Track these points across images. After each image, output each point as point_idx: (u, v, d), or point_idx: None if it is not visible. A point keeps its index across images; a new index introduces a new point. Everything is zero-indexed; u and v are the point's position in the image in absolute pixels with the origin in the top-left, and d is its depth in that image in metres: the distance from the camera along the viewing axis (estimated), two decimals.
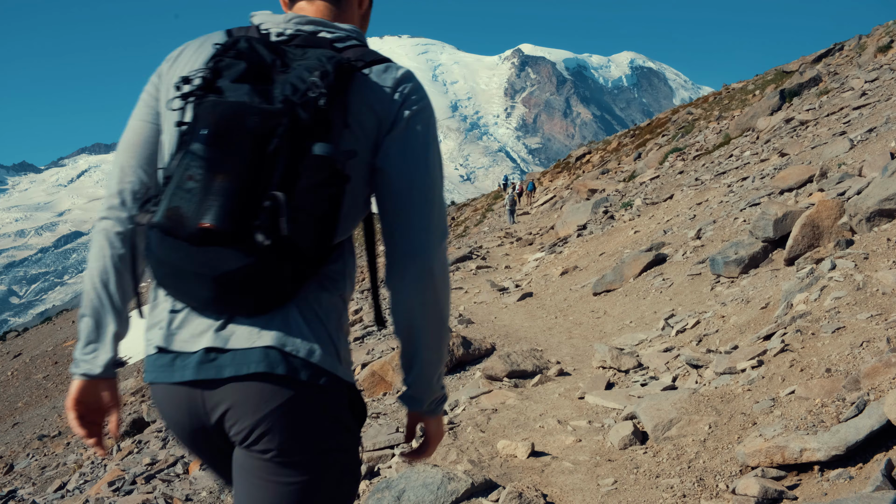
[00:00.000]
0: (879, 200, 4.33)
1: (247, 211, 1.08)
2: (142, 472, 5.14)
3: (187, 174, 1.10)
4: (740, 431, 2.91)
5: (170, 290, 1.20)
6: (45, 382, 26.12)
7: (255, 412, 1.15)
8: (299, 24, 1.26)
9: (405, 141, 1.22)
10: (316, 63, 1.15)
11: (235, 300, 1.15)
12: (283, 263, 1.12)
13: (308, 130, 1.11)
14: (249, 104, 1.11)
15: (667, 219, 9.16)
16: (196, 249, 1.10)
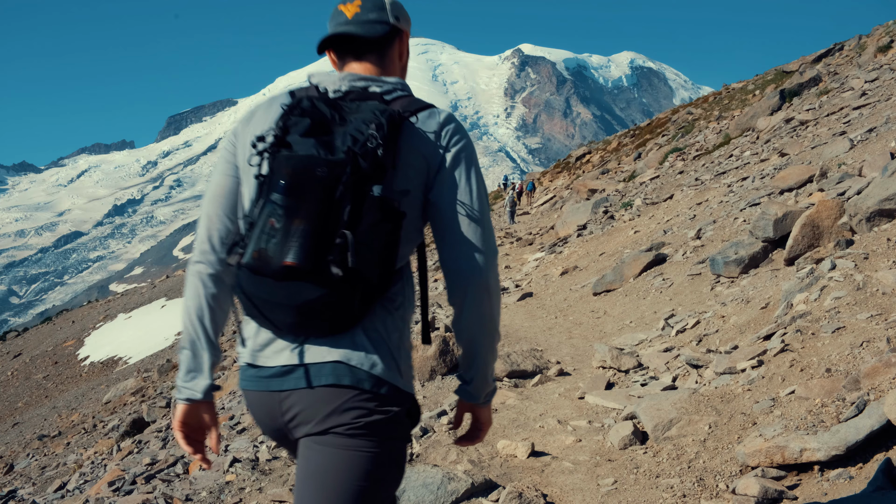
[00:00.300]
0: (879, 200, 4.32)
1: (321, 248, 1.28)
2: (142, 472, 5.14)
3: (269, 220, 1.30)
4: (740, 431, 2.91)
5: (256, 319, 1.41)
6: (45, 382, 26.11)
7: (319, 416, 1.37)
8: (352, 81, 1.47)
9: (452, 178, 1.43)
10: (370, 116, 1.35)
11: (313, 324, 1.35)
12: (353, 291, 1.32)
13: (367, 176, 1.31)
14: (317, 157, 1.31)
15: (667, 219, 9.16)
16: (279, 284, 1.31)
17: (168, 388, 12.33)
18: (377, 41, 1.54)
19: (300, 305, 1.32)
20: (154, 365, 20.17)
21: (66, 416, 16.82)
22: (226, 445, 5.21)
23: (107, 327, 32.76)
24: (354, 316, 1.36)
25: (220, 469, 4.42)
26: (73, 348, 30.41)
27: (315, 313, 1.33)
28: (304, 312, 1.33)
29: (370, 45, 1.54)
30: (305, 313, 1.33)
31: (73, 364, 27.96)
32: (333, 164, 1.30)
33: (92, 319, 35.38)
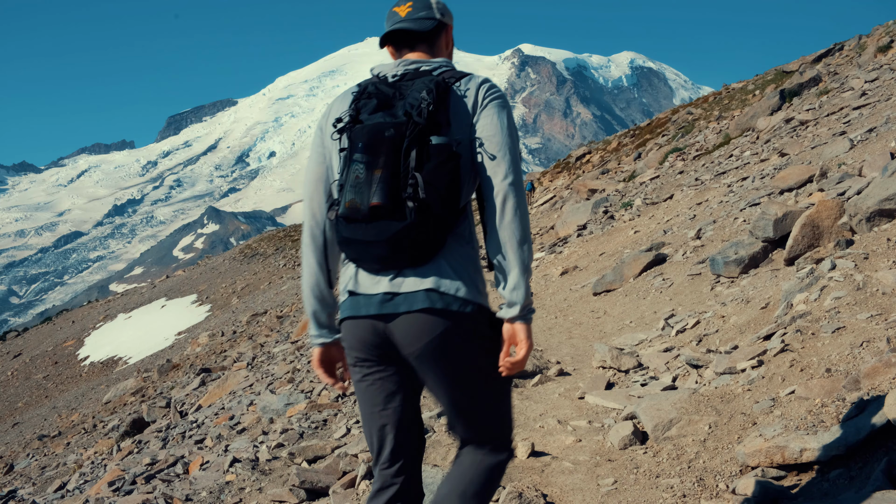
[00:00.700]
0: (879, 200, 4.32)
1: (397, 189, 1.64)
2: (142, 472, 5.13)
3: (354, 175, 1.67)
4: (740, 431, 2.91)
5: (355, 259, 1.75)
6: (45, 382, 26.10)
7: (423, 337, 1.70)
8: (406, 65, 1.83)
9: (487, 115, 1.74)
10: (422, 86, 1.71)
11: (401, 256, 1.68)
12: (427, 222, 1.65)
13: (425, 129, 1.66)
14: (384, 122, 1.68)
15: (667, 219, 9.16)
16: (369, 224, 1.66)
17: (168, 388, 12.32)
18: (427, 34, 1.88)
19: (388, 238, 1.65)
20: (154, 365, 20.16)
21: (66, 416, 16.82)
22: (226, 445, 5.21)
23: (107, 327, 32.75)
24: (433, 246, 1.69)
25: (220, 469, 4.42)
26: (73, 348, 30.41)
27: (401, 244, 1.66)
28: (392, 244, 1.66)
29: (421, 38, 1.88)
30: (393, 245, 1.66)
31: (73, 364, 27.96)
32: (397, 124, 1.67)
33: (92, 319, 35.38)
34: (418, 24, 1.85)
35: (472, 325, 1.73)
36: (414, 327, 1.70)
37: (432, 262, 1.71)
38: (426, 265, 1.71)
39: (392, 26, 1.86)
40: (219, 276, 36.62)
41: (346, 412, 4.99)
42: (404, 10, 1.87)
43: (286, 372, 7.49)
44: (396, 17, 1.87)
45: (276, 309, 21.49)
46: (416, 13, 1.87)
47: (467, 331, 1.73)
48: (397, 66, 1.83)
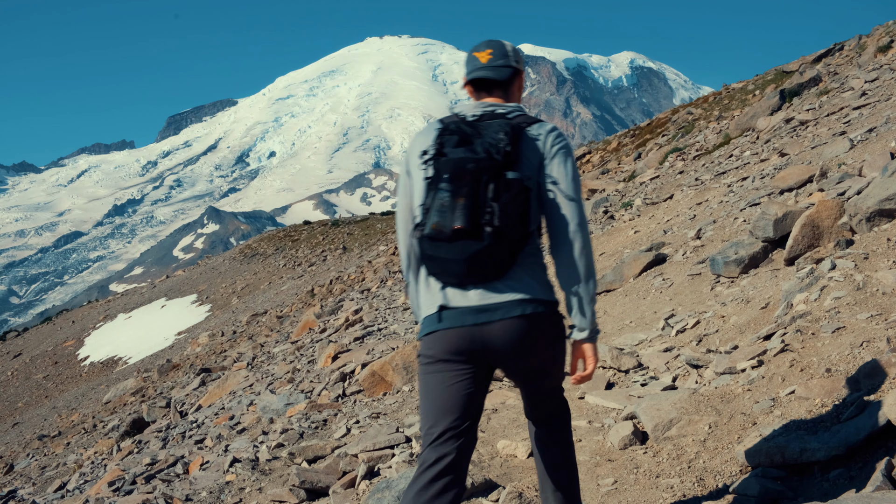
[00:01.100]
0: (879, 200, 4.32)
1: (477, 216, 1.91)
2: (142, 472, 5.14)
3: (440, 201, 1.94)
4: (740, 431, 2.91)
5: (438, 275, 2.00)
6: (45, 382, 26.10)
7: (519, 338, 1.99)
8: (484, 108, 2.11)
9: (557, 161, 2.05)
10: (499, 128, 1.99)
11: (479, 272, 1.95)
12: (501, 245, 1.93)
13: (501, 165, 1.94)
14: (466, 157, 1.94)
15: (667, 219, 9.16)
16: (451, 244, 1.93)
17: (168, 388, 12.32)
18: (504, 82, 2.16)
19: (468, 257, 1.92)
20: (154, 365, 20.15)
21: (66, 416, 16.82)
22: (226, 445, 5.20)
23: (107, 327, 32.75)
24: (506, 263, 1.98)
25: (220, 469, 4.42)
26: (73, 348, 30.40)
27: (479, 262, 1.94)
28: (471, 262, 1.93)
29: (499, 84, 2.17)
30: (472, 263, 1.93)
31: (73, 364, 27.95)
32: (478, 160, 1.93)
33: (92, 319, 35.37)
34: (497, 72, 2.15)
35: (554, 322, 2.08)
36: (510, 331, 1.98)
37: (514, 276, 2.00)
38: (509, 279, 2.00)
39: (474, 74, 2.16)
40: (219, 276, 36.61)
41: (346, 412, 4.99)
42: (485, 58, 2.16)
43: (286, 372, 7.49)
44: (477, 62, 2.16)
45: (276, 309, 21.49)
46: (496, 61, 2.15)
47: (551, 327, 2.06)
48: (476, 108, 2.12)
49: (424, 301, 2.08)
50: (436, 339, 2.02)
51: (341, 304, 12.16)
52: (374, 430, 4.05)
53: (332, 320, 10.08)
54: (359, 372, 5.77)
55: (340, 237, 38.11)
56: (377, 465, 3.66)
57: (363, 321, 8.49)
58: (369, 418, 4.60)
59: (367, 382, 5.29)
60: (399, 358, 5.31)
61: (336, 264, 30.83)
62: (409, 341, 6.13)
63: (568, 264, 2.05)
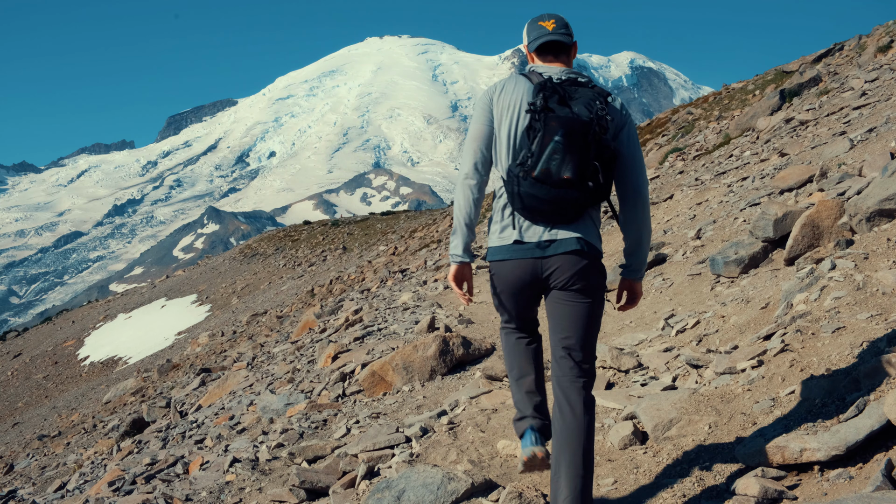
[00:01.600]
0: (879, 200, 4.32)
1: (583, 170, 2.27)
2: (142, 472, 5.13)
3: (552, 150, 2.26)
4: (740, 431, 2.91)
5: (522, 208, 2.37)
6: (45, 382, 26.10)
7: (570, 270, 2.40)
8: (567, 73, 2.45)
9: (628, 130, 2.44)
10: (594, 95, 2.34)
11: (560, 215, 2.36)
12: (595, 197, 2.34)
13: (601, 129, 2.27)
14: (576, 118, 2.28)
15: (667, 219, 9.16)
16: (555, 189, 2.29)
17: (168, 388, 12.32)
18: (568, 47, 2.52)
19: (564, 202, 2.31)
20: (154, 365, 20.15)
21: (66, 416, 16.82)
22: (226, 445, 5.20)
23: (107, 327, 32.75)
24: (582, 212, 2.39)
25: (220, 469, 4.42)
26: (73, 348, 30.41)
27: (566, 208, 2.34)
28: (563, 206, 2.33)
29: (565, 49, 2.52)
30: (563, 207, 2.33)
31: (73, 364, 27.96)
32: (586, 122, 2.27)
33: (92, 319, 35.37)
34: (566, 38, 2.49)
35: (598, 264, 2.47)
36: (567, 261, 2.39)
37: (581, 222, 2.41)
38: (578, 224, 2.41)
39: (545, 37, 2.47)
40: (219, 276, 36.61)
41: (346, 412, 4.99)
42: (550, 26, 2.51)
43: (286, 372, 7.49)
44: (544, 30, 2.49)
45: (276, 309, 21.49)
46: (560, 29, 2.50)
47: (596, 267, 2.45)
48: (561, 73, 2.45)
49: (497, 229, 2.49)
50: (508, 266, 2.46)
51: (341, 304, 12.16)
52: (374, 430, 4.05)
53: (332, 320, 10.08)
54: (359, 372, 5.77)
55: (340, 237, 38.11)
56: (377, 465, 3.66)
57: (363, 321, 8.49)
58: (369, 418, 4.60)
59: (367, 382, 5.29)
60: (399, 358, 5.31)
61: (336, 264, 30.83)
62: (409, 341, 6.13)
63: (637, 219, 2.49)
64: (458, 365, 5.37)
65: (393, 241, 31.00)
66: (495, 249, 2.48)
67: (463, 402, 4.33)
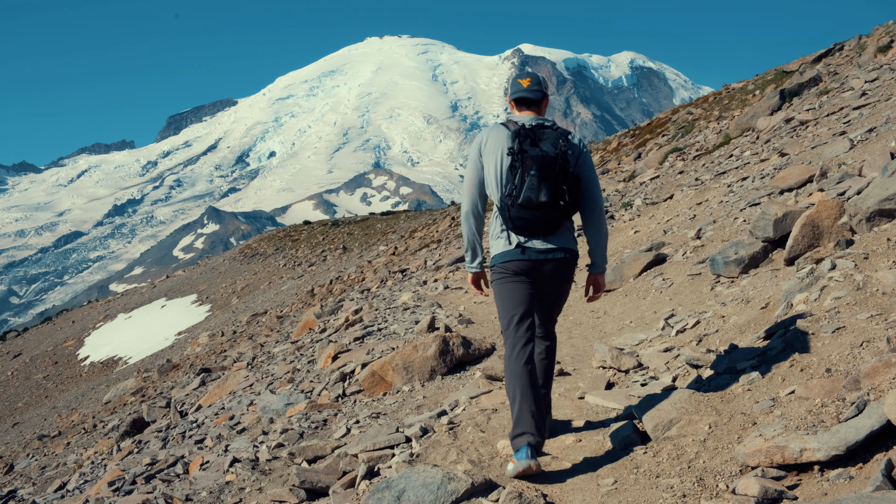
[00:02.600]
0: (879, 200, 4.32)
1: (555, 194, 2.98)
2: (142, 472, 5.14)
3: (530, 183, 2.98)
4: (740, 431, 2.91)
5: (516, 228, 3.07)
6: (45, 382, 26.11)
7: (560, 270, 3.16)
8: (536, 120, 3.17)
9: (585, 160, 3.16)
10: (557, 136, 3.05)
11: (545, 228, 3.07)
12: (567, 212, 3.07)
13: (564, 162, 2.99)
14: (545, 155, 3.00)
15: (667, 219, 9.16)
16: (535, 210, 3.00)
17: (168, 388, 12.33)
18: (539, 100, 3.25)
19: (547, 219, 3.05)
20: (154, 365, 20.16)
21: (66, 416, 16.82)
22: (226, 445, 5.20)
23: (107, 327, 32.76)
24: (560, 224, 3.11)
25: (220, 469, 4.42)
26: (73, 348, 30.41)
27: (548, 223, 3.07)
28: (544, 223, 3.06)
29: (535, 102, 3.25)
30: (546, 223, 3.06)
31: (73, 364, 27.97)
32: (553, 157, 3.01)
33: (92, 319, 35.38)
34: (534, 94, 3.24)
35: (575, 263, 3.24)
36: (557, 264, 3.17)
37: (560, 233, 3.16)
38: (558, 235, 3.15)
39: (520, 94, 3.23)
40: (219, 276, 36.62)
41: (346, 412, 4.99)
42: (526, 83, 3.25)
43: (286, 372, 7.49)
44: (520, 86, 3.24)
45: (276, 309, 21.49)
46: (532, 87, 3.24)
47: (573, 266, 3.24)
48: (532, 120, 3.17)
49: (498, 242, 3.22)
50: (515, 264, 3.16)
51: (341, 304, 12.16)
52: (374, 430, 4.05)
53: (332, 320, 10.08)
54: (359, 372, 5.77)
55: (340, 237, 38.11)
56: (377, 465, 3.66)
57: (363, 321, 8.49)
58: (369, 418, 4.60)
59: (367, 382, 5.29)
60: (399, 358, 5.31)
61: (336, 264, 30.84)
62: (409, 341, 6.13)
63: (596, 227, 3.25)
64: (458, 365, 5.37)
65: (393, 241, 31.00)
66: (500, 255, 3.20)
67: (463, 402, 4.33)
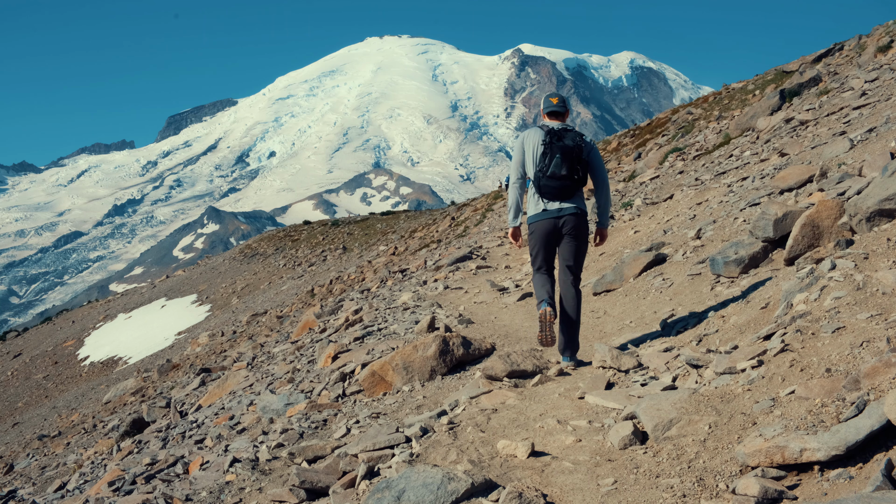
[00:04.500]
0: (879, 200, 4.32)
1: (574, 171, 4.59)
2: (142, 472, 5.14)
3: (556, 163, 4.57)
4: (740, 431, 2.91)
5: (547, 194, 4.63)
6: (45, 382, 26.11)
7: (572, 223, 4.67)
8: (561, 126, 4.72)
9: (594, 154, 4.73)
10: (576, 135, 4.66)
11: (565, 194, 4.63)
12: (581, 183, 4.65)
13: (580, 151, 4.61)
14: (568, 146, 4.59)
15: (667, 219, 9.16)
16: (559, 181, 4.59)
17: (168, 388, 12.32)
18: (563, 113, 4.76)
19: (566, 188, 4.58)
20: (154, 365, 20.16)
21: (66, 416, 16.83)
22: (226, 445, 5.20)
23: (107, 327, 32.76)
24: (575, 191, 4.63)
25: (220, 469, 4.42)
26: (73, 348, 30.42)
27: (567, 191, 4.59)
28: (564, 190, 4.59)
29: (561, 115, 4.76)
30: (566, 190, 4.59)
31: (73, 364, 27.97)
32: (571, 147, 4.56)
33: (92, 319, 35.38)
34: (562, 109, 4.76)
35: (586, 219, 4.67)
36: (573, 220, 4.62)
37: (574, 198, 4.63)
38: (574, 199, 4.63)
39: (551, 108, 4.75)
40: (219, 276, 36.62)
41: (346, 412, 4.99)
42: (555, 101, 4.76)
43: (286, 372, 7.49)
44: (551, 103, 4.75)
45: (276, 309, 21.49)
46: (560, 104, 4.75)
47: (586, 222, 4.67)
48: (559, 127, 4.66)
49: (532, 205, 4.73)
50: (541, 223, 4.68)
51: (341, 304, 12.15)
52: (374, 430, 4.05)
53: (332, 320, 10.08)
54: (359, 372, 5.77)
55: (340, 237, 38.12)
56: (377, 465, 3.66)
57: (363, 321, 8.49)
58: (369, 418, 4.60)
59: (367, 382, 5.29)
60: (399, 358, 5.31)
61: (336, 264, 30.84)
62: (409, 341, 6.13)
63: (603, 197, 4.81)
64: (458, 365, 5.37)
65: (393, 241, 31.00)
66: (533, 216, 4.72)
67: (463, 402, 4.33)
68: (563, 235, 4.63)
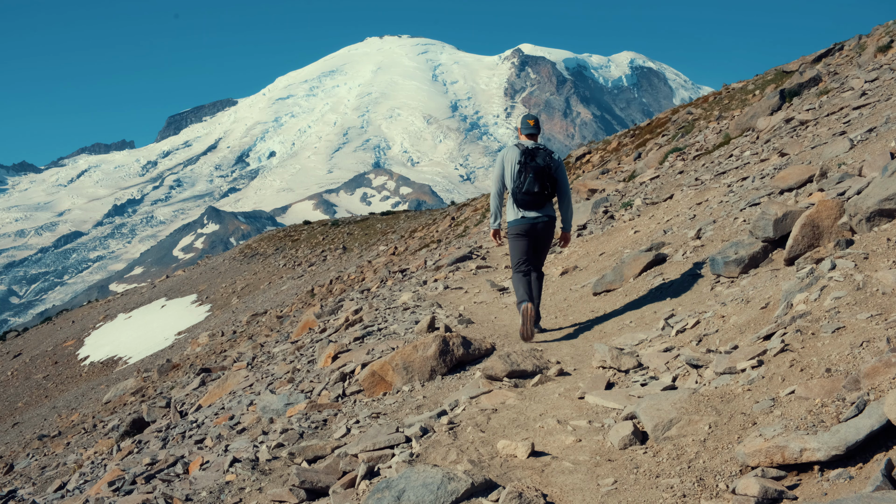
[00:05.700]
0: (879, 200, 4.32)
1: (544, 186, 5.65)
2: (142, 472, 5.13)
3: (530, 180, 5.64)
4: (740, 431, 2.91)
5: (523, 205, 5.71)
6: (45, 382, 26.10)
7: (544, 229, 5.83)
8: (535, 145, 5.76)
9: (560, 170, 5.79)
10: (546, 154, 5.72)
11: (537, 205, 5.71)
12: (550, 197, 5.76)
13: (549, 169, 5.68)
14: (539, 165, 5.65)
15: (667, 219, 9.16)
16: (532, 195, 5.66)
17: (168, 388, 12.33)
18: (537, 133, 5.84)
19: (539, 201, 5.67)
20: (154, 365, 20.16)
21: (66, 416, 16.83)
22: (226, 445, 5.20)
23: (107, 327, 32.76)
24: (545, 202, 5.73)
25: (220, 469, 4.42)
26: (73, 348, 30.41)
27: (539, 202, 5.68)
28: (537, 202, 5.67)
29: (535, 135, 5.84)
30: (539, 202, 5.68)
31: (73, 364, 27.96)
32: (543, 166, 5.64)
33: (92, 319, 35.38)
34: (536, 130, 5.79)
35: (554, 225, 5.85)
36: (544, 225, 5.78)
37: (545, 208, 5.74)
38: (544, 208, 5.74)
39: (530, 130, 5.82)
40: (219, 276, 36.61)
41: (346, 412, 4.99)
42: (532, 123, 5.81)
43: (286, 372, 7.49)
44: (529, 125, 5.81)
45: (276, 309, 21.49)
46: (535, 126, 5.79)
47: (553, 226, 5.84)
48: (533, 146, 5.69)
49: (511, 213, 5.76)
50: (521, 225, 5.72)
51: (341, 304, 12.15)
52: (374, 430, 4.05)
53: (332, 320, 10.08)
54: (359, 372, 5.77)
55: (340, 237, 38.11)
56: (377, 465, 3.66)
57: (363, 321, 8.48)
58: (369, 418, 4.60)
59: (367, 382, 5.29)
60: (399, 358, 5.31)
61: (336, 264, 30.84)
62: (409, 341, 6.13)
63: (565, 205, 5.89)
64: (458, 365, 5.37)
65: (393, 241, 31.00)
66: (513, 221, 5.75)
67: (463, 402, 4.33)
68: (537, 239, 5.81)
